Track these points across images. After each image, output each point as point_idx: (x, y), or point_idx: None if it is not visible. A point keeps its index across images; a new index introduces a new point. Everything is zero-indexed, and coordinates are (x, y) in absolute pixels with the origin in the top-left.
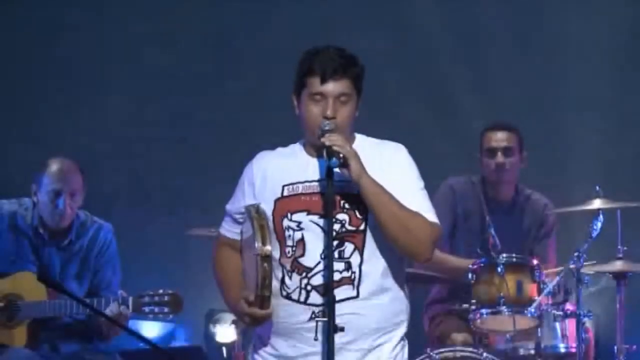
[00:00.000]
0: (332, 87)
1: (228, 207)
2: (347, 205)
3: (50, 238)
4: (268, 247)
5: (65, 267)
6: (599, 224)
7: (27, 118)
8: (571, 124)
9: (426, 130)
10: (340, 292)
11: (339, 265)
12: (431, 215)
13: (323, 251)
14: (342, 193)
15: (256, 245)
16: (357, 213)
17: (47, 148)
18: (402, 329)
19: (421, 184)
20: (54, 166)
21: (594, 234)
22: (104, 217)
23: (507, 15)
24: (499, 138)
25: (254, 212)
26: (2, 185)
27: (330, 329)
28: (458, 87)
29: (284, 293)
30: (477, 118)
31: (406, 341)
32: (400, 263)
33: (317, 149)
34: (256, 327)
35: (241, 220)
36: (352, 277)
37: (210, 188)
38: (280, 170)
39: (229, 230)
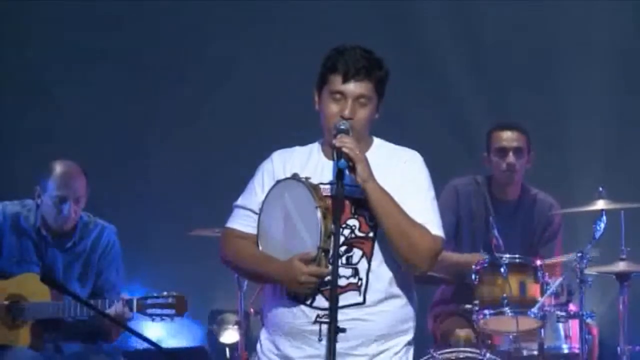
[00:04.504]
0: (352, 87)
1: (240, 202)
2: (358, 211)
3: (53, 239)
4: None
5: (68, 268)
6: (602, 225)
7: (30, 120)
8: (574, 124)
9: (431, 130)
10: (346, 298)
11: (346, 271)
12: (436, 228)
13: (331, 255)
14: (354, 198)
15: (315, 200)
16: (368, 219)
17: (50, 150)
18: (409, 336)
19: (431, 194)
20: (58, 171)
21: (597, 234)
22: (106, 218)
23: (512, 17)
24: (510, 138)
25: (300, 177)
26: (6, 187)
27: (332, 331)
28: (463, 88)
29: (292, 293)
30: (482, 118)
31: (412, 345)
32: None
33: (331, 147)
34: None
35: (255, 214)
36: (359, 283)
37: (213, 189)
38: (298, 170)
39: (242, 223)
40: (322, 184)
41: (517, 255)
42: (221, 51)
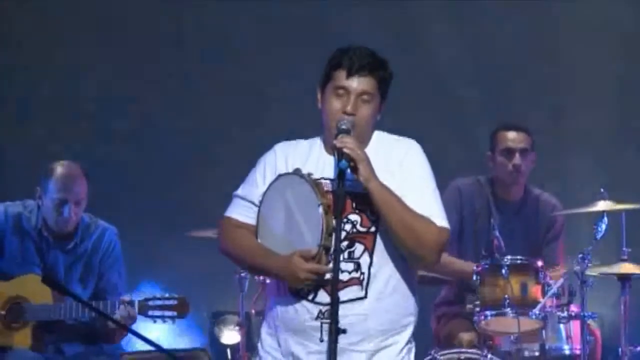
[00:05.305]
0: (356, 83)
1: (241, 192)
2: (359, 206)
3: (54, 241)
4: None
5: (70, 269)
6: (604, 226)
7: (30, 121)
8: (576, 126)
9: (433, 131)
10: (348, 293)
11: (348, 266)
12: (440, 220)
13: (332, 251)
14: (355, 193)
15: (318, 198)
16: (369, 214)
17: (50, 150)
18: (409, 331)
19: (432, 184)
20: (59, 173)
21: (599, 236)
22: (107, 219)
23: (513, 18)
24: (517, 139)
25: (303, 172)
26: (6, 188)
27: (333, 331)
28: (465, 90)
29: (294, 289)
30: (483, 120)
31: (413, 344)
32: (410, 264)
33: (332, 148)
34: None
35: (255, 206)
36: (361, 278)
37: (213, 190)
38: (300, 163)
39: (242, 214)
40: (323, 178)
41: (518, 257)
42: (220, 52)
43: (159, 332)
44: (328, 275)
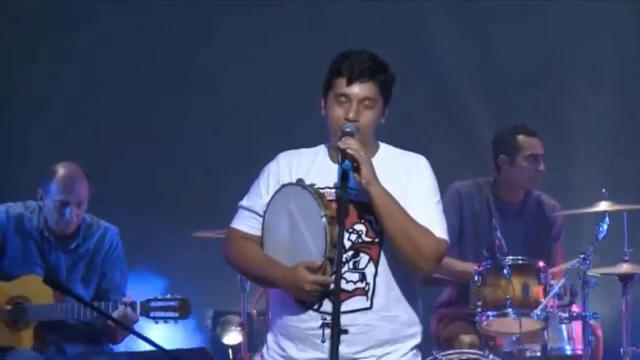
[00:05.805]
0: (357, 89)
1: (245, 203)
2: (364, 216)
3: (56, 241)
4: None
5: (71, 270)
6: (605, 227)
7: (30, 119)
8: (577, 126)
9: (432, 134)
10: (353, 303)
11: (353, 276)
12: (440, 231)
13: (335, 260)
14: (361, 203)
15: (321, 209)
16: (374, 224)
17: (51, 150)
18: (415, 340)
19: (436, 197)
20: (61, 174)
21: (600, 236)
22: (109, 219)
23: (514, 19)
24: (539, 145)
25: (305, 184)
26: (6, 188)
27: (334, 335)
28: (465, 91)
29: (298, 299)
30: (483, 122)
31: (419, 352)
32: (414, 275)
33: (335, 149)
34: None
35: (260, 217)
36: (366, 288)
37: (216, 191)
38: (304, 172)
39: (247, 225)
40: (327, 187)
41: (520, 257)
42: (227, 52)
43: (160, 332)
44: (333, 286)
